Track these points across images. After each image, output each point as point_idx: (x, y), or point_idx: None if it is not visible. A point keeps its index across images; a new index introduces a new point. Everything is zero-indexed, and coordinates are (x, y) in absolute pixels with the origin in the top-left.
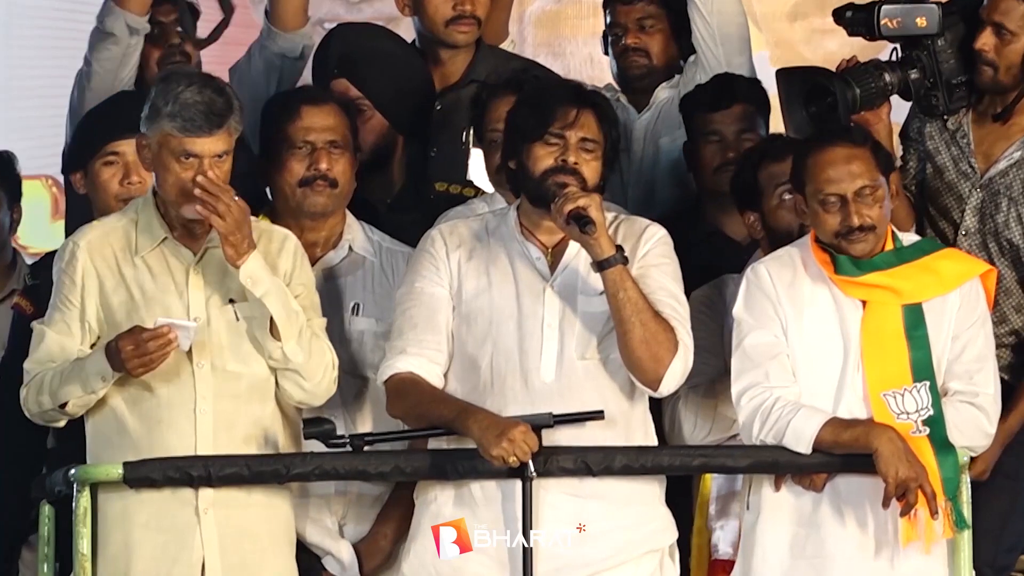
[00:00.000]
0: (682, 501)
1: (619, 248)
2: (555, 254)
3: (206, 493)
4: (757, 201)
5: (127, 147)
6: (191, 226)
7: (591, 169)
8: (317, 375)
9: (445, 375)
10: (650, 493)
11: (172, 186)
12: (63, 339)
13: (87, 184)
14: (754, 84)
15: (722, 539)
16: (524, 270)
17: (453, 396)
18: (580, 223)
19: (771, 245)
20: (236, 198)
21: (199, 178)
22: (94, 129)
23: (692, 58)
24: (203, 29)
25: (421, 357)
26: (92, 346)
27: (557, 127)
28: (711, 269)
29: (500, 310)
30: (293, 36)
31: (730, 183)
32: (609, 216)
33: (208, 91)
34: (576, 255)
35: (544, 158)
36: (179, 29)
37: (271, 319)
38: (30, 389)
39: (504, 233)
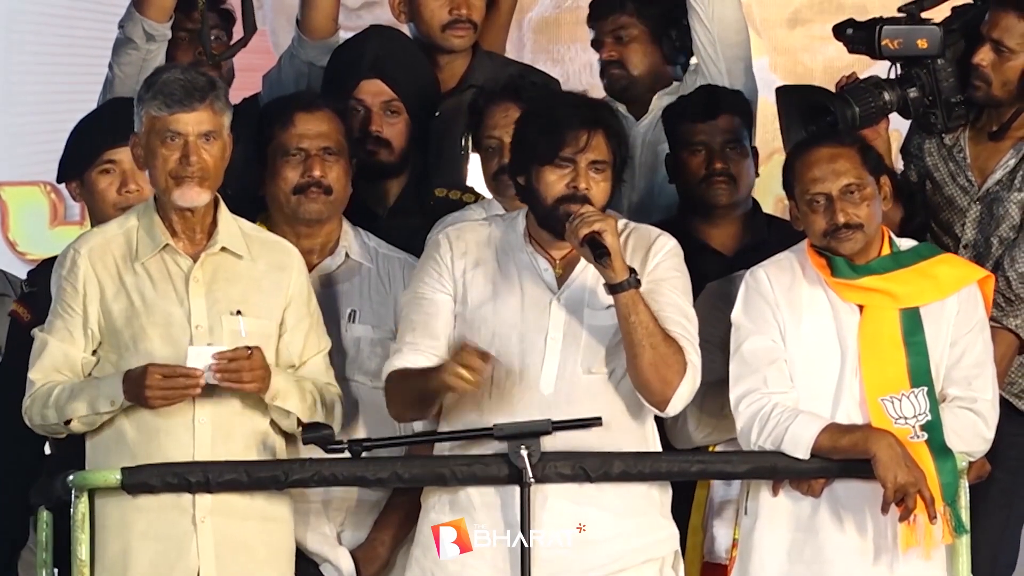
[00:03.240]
0: (682, 508)
1: (632, 271)
2: (564, 266)
3: (204, 503)
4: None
5: (124, 155)
6: (187, 217)
7: (601, 191)
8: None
9: None
10: (652, 503)
11: (161, 172)
12: (66, 347)
13: (83, 193)
14: (738, 95)
15: (717, 542)
16: (531, 282)
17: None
18: (595, 249)
19: None
20: (251, 353)
21: (214, 364)
22: (89, 138)
23: (692, 66)
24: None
25: (416, 354)
26: (94, 352)
27: (568, 152)
28: (694, 282)
29: (504, 321)
30: (322, 44)
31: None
32: (619, 225)
33: (190, 72)
34: (585, 269)
35: (555, 183)
36: (214, 36)
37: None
38: (35, 400)
39: (512, 242)
